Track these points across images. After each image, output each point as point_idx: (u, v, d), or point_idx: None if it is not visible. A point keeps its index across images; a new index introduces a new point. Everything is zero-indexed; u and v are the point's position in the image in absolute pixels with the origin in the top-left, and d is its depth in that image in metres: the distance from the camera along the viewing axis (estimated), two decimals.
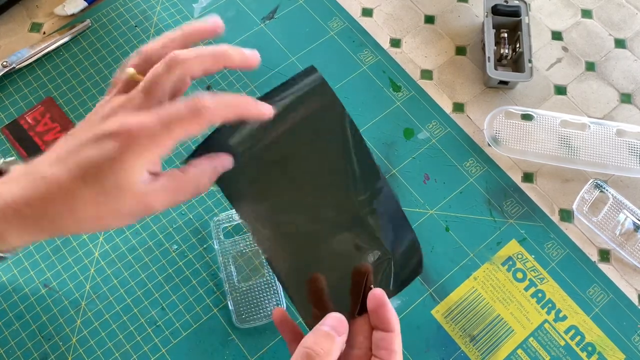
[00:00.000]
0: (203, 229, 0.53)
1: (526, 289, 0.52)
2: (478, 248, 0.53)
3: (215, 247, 0.52)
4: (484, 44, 0.61)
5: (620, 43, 0.64)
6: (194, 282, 0.51)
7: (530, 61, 0.59)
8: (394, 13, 0.65)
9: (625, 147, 0.57)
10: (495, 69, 0.59)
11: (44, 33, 0.62)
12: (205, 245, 0.53)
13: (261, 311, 0.49)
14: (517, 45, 0.60)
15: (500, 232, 0.54)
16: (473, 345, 0.50)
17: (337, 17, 0.64)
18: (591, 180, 0.56)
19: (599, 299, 0.52)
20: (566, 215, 0.56)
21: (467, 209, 0.55)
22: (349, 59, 0.62)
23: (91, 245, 0.52)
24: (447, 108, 0.60)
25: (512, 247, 0.53)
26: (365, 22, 0.64)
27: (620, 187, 0.57)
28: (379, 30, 0.64)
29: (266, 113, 0.33)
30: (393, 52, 0.63)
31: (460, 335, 0.50)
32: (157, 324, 0.50)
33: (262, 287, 0.50)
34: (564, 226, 0.55)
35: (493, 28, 0.61)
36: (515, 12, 0.61)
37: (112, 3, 0.64)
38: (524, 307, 0.51)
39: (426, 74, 0.62)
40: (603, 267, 0.53)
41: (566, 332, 0.50)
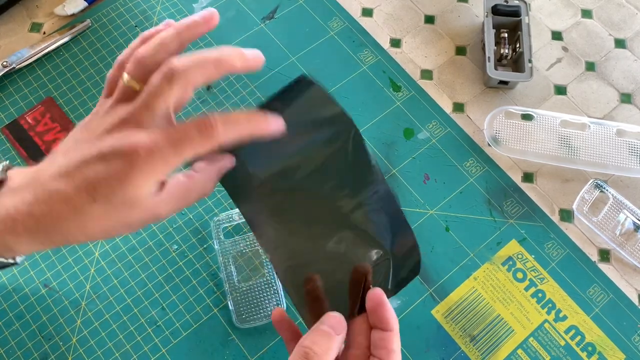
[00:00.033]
0: (203, 229, 0.53)
1: (526, 289, 0.52)
2: (478, 248, 0.53)
3: (216, 247, 0.52)
4: (484, 44, 0.61)
5: (620, 43, 0.64)
6: (194, 282, 0.51)
7: (530, 61, 0.59)
8: (394, 13, 0.65)
9: (625, 147, 0.57)
10: (495, 69, 0.59)
11: (44, 33, 0.62)
12: (205, 245, 0.53)
13: (261, 311, 0.49)
14: (517, 45, 0.60)
15: (500, 232, 0.54)
16: (473, 345, 0.50)
17: (337, 17, 0.64)
18: (591, 180, 0.56)
19: (599, 299, 0.52)
20: (566, 215, 0.56)
21: (467, 209, 0.55)
22: (349, 59, 0.62)
23: (91, 245, 0.52)
24: (447, 108, 0.60)
25: (512, 247, 0.53)
26: (365, 22, 0.64)
27: (620, 187, 0.57)
28: (379, 30, 0.64)
29: (278, 130, 0.33)
30: (393, 52, 0.63)
31: (461, 335, 0.50)
32: (157, 324, 0.50)
33: (262, 287, 0.50)
34: (564, 226, 0.55)
35: (493, 28, 0.61)
36: (515, 12, 0.61)
37: (112, 3, 0.64)
38: (524, 307, 0.51)
39: (426, 74, 0.62)
40: (603, 267, 0.53)
41: (566, 332, 0.50)
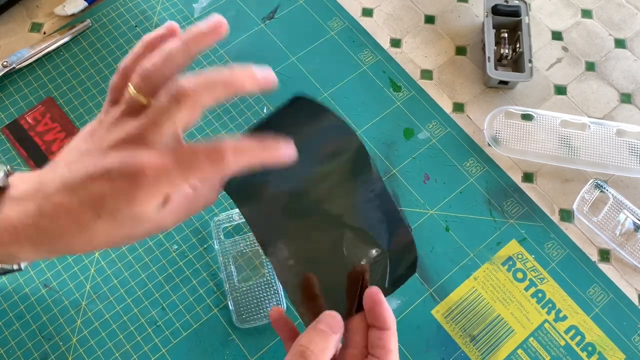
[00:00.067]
0: (203, 229, 0.53)
1: (526, 289, 0.52)
2: (478, 248, 0.53)
3: (216, 247, 0.52)
4: (484, 44, 0.61)
5: (620, 43, 0.64)
6: (194, 282, 0.51)
7: (530, 61, 0.59)
8: (394, 13, 0.65)
9: (625, 147, 0.57)
10: (495, 69, 0.59)
11: (44, 33, 0.62)
12: (205, 245, 0.53)
13: (261, 311, 0.49)
14: (517, 45, 0.60)
15: (500, 232, 0.54)
16: (473, 345, 0.50)
17: (337, 17, 0.64)
18: (591, 180, 0.56)
19: (599, 299, 0.52)
20: (566, 215, 0.56)
21: (467, 209, 0.55)
22: (349, 59, 0.62)
23: None
24: (447, 108, 0.60)
25: (512, 247, 0.53)
26: (365, 22, 0.64)
27: (621, 187, 0.57)
28: (379, 30, 0.64)
29: (289, 159, 0.32)
30: (393, 52, 0.63)
31: (461, 335, 0.50)
32: (157, 324, 0.50)
33: (262, 287, 0.50)
34: (564, 226, 0.55)
35: (493, 28, 0.61)
36: (515, 12, 0.61)
37: (112, 3, 0.64)
38: (524, 307, 0.51)
39: (426, 74, 0.62)
40: (603, 267, 0.53)
41: (566, 332, 0.50)
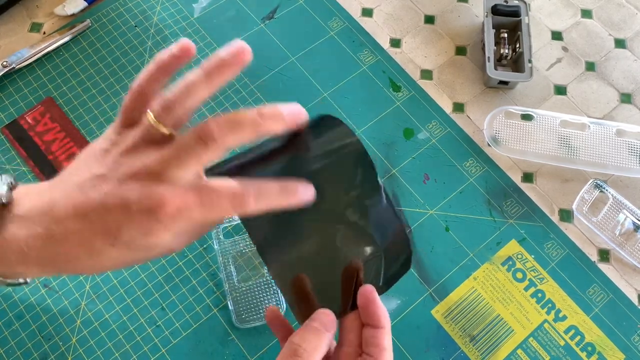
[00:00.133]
0: None
1: (526, 289, 0.52)
2: (478, 248, 0.53)
3: (215, 247, 0.52)
4: (484, 44, 0.61)
5: (620, 43, 0.64)
6: (194, 282, 0.51)
7: (530, 61, 0.59)
8: (394, 13, 0.65)
9: (625, 147, 0.57)
10: (495, 69, 0.59)
11: (44, 33, 0.62)
12: (205, 245, 0.53)
13: (261, 311, 0.49)
14: (517, 45, 0.60)
15: (500, 232, 0.54)
16: (473, 345, 0.50)
17: (337, 17, 0.64)
18: (591, 180, 0.56)
19: (599, 299, 0.52)
20: (566, 215, 0.56)
21: (467, 209, 0.55)
22: (349, 59, 0.62)
23: None
24: (447, 108, 0.60)
25: (512, 247, 0.53)
26: (365, 22, 0.64)
27: (620, 187, 0.57)
28: (379, 30, 0.64)
29: (308, 201, 0.33)
30: (393, 52, 0.63)
31: (460, 335, 0.50)
32: (157, 324, 0.50)
33: (262, 287, 0.50)
34: (563, 226, 0.55)
35: (493, 28, 0.61)
36: (515, 12, 0.61)
37: (112, 3, 0.64)
38: (523, 307, 0.51)
39: (426, 74, 0.62)
40: (603, 267, 0.53)
41: (566, 332, 0.50)
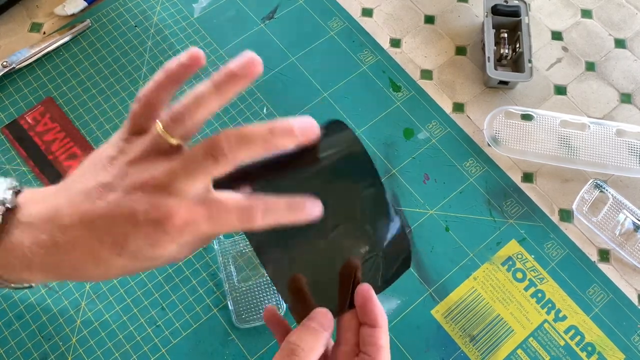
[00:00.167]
0: None
1: (526, 289, 0.52)
2: (478, 248, 0.53)
3: (215, 247, 0.52)
4: (484, 44, 0.61)
5: (620, 43, 0.64)
6: (194, 282, 0.51)
7: (530, 61, 0.59)
8: (394, 13, 0.65)
9: (625, 147, 0.57)
10: (495, 69, 0.59)
11: (44, 33, 0.62)
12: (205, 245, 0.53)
13: (261, 311, 0.49)
14: (517, 45, 0.60)
15: (500, 232, 0.54)
16: (473, 345, 0.50)
17: (337, 17, 0.64)
18: (591, 180, 0.56)
19: (599, 299, 0.52)
20: (566, 215, 0.56)
21: (467, 209, 0.55)
22: (349, 59, 0.62)
23: None
24: (447, 108, 0.60)
25: (512, 247, 0.53)
26: (365, 22, 0.64)
27: (620, 187, 0.57)
28: (379, 30, 0.64)
29: (316, 217, 0.33)
30: (393, 52, 0.63)
31: (460, 335, 0.50)
32: (157, 324, 0.50)
33: (262, 287, 0.50)
34: (563, 226, 0.55)
35: (493, 28, 0.61)
36: (515, 12, 0.61)
37: (112, 3, 0.64)
38: (523, 307, 0.51)
39: (426, 74, 0.62)
40: (603, 267, 0.53)
41: (566, 332, 0.50)
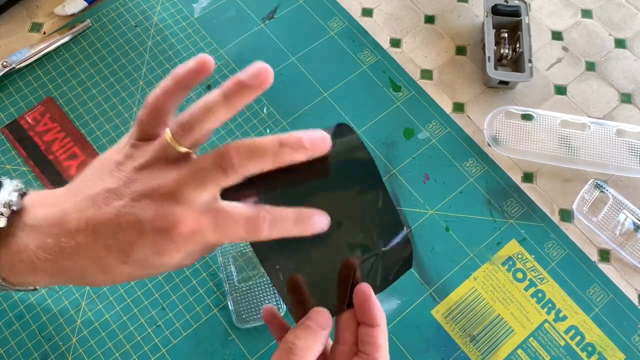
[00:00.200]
0: None
1: (526, 289, 0.52)
2: (478, 248, 0.53)
3: None
4: (484, 44, 0.61)
5: (620, 43, 0.64)
6: (194, 282, 0.51)
7: (530, 61, 0.59)
8: (394, 13, 0.65)
9: (625, 147, 0.57)
10: (495, 69, 0.59)
11: (44, 33, 0.62)
12: None
13: (261, 311, 0.49)
14: (517, 45, 0.60)
15: (500, 232, 0.54)
16: (473, 345, 0.50)
17: (337, 17, 0.64)
18: (591, 180, 0.56)
19: (599, 299, 0.52)
20: (566, 215, 0.56)
21: (467, 209, 0.55)
22: (349, 59, 0.62)
23: None
24: (447, 108, 0.60)
25: (512, 247, 0.53)
26: (365, 22, 0.64)
27: (620, 187, 0.57)
28: (379, 30, 0.64)
29: (322, 230, 0.33)
30: (393, 52, 0.63)
31: (460, 335, 0.50)
32: (157, 324, 0.50)
33: (262, 287, 0.50)
34: (564, 226, 0.55)
35: (493, 28, 0.61)
36: (515, 12, 0.61)
37: (112, 3, 0.64)
38: (524, 307, 0.51)
39: (426, 74, 0.62)
40: (603, 267, 0.53)
41: (566, 332, 0.50)
